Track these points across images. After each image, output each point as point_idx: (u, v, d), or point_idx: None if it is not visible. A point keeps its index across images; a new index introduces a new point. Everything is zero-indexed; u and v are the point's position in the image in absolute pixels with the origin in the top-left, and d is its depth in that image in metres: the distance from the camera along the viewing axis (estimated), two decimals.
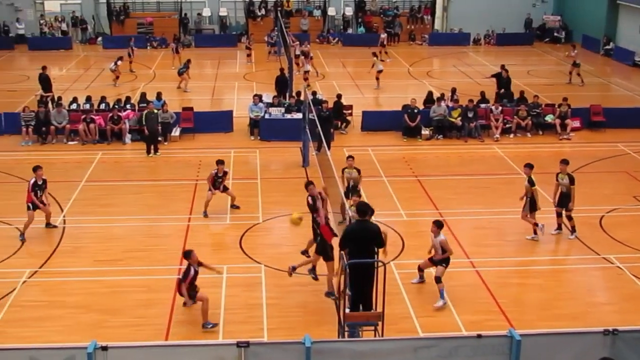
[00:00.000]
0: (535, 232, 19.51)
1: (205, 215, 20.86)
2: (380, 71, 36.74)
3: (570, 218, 19.61)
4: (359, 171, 20.66)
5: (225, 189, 21.25)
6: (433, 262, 16.44)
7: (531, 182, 19.31)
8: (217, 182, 20.96)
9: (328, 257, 16.07)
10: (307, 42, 42.30)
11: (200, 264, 15.68)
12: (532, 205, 19.37)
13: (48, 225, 20.10)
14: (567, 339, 10.17)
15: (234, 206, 21.49)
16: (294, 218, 16.77)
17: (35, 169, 19.76)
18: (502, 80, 32.65)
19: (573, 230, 19.66)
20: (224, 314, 15.82)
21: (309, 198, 17.10)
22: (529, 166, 19.60)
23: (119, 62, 37.51)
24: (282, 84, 32.61)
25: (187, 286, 15.36)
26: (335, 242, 15.30)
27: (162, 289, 16.76)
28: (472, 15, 51.60)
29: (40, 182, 19.67)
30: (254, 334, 14.64)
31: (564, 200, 19.51)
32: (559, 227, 19.83)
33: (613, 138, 28.65)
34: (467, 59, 45.54)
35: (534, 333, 10.47)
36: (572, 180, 19.42)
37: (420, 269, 16.96)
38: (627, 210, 21.72)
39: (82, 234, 19.71)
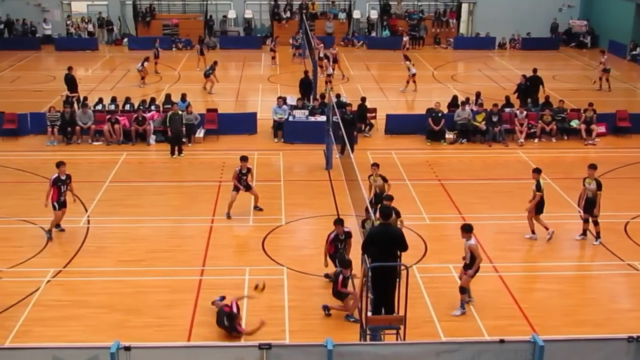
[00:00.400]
0: (533, 232, 19.71)
1: (229, 216, 20.94)
2: (414, 75, 36.55)
3: (596, 223, 19.48)
4: (384, 179, 20.36)
5: (249, 188, 21.31)
6: (464, 268, 16.20)
7: (538, 187, 19.39)
8: (242, 179, 21.06)
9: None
10: (334, 45, 42.37)
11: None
12: (538, 208, 19.49)
13: (57, 226, 19.91)
14: (590, 345, 10.09)
15: (257, 207, 21.55)
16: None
17: (59, 164, 19.74)
18: (521, 87, 32.47)
19: (598, 236, 19.53)
20: (246, 315, 15.83)
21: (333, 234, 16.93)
22: (537, 171, 19.67)
23: (146, 63, 37.72)
24: (306, 87, 32.66)
25: None
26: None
27: (185, 289, 16.83)
28: (497, 19, 51.45)
29: (63, 177, 19.62)
30: (276, 336, 14.66)
31: (590, 206, 19.40)
32: (584, 233, 19.72)
33: (639, 144, 28.40)
34: (492, 63, 45.37)
35: (557, 339, 10.40)
36: (599, 186, 19.25)
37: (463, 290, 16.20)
38: None
39: (106, 234, 19.82)
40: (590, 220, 19.51)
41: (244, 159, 21.14)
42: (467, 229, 15.78)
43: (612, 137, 29.32)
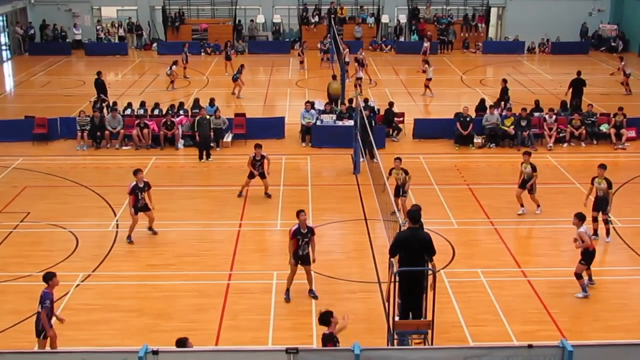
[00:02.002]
0: (522, 205, 21.62)
1: (240, 194, 22.87)
2: (429, 79, 36.58)
3: (606, 222, 19.84)
4: (406, 172, 20.85)
5: (263, 176, 22.69)
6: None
7: (533, 168, 21.34)
8: (257, 164, 22.41)
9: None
10: (362, 50, 42.36)
11: None
12: (532, 187, 21.49)
13: (150, 229, 20.31)
14: (620, 351, 10.00)
15: (267, 194, 22.83)
16: None
17: (136, 172, 19.94)
18: (505, 90, 32.37)
19: (608, 233, 19.92)
20: (274, 320, 15.89)
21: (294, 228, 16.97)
22: (527, 153, 21.80)
23: (174, 67, 37.94)
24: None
25: None
26: None
27: (213, 294, 16.90)
28: (526, 23, 51.20)
29: (141, 185, 19.77)
30: (303, 341, 14.68)
31: (602, 204, 19.76)
32: (595, 233, 19.69)
33: None
34: (521, 68, 45.11)
35: (587, 344, 10.35)
36: (610, 185, 19.74)
37: (578, 276, 16.94)
38: None
39: (135, 238, 19.90)
40: (601, 218, 19.83)
41: (258, 146, 22.56)
42: (579, 217, 16.83)
43: None
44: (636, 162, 26.34)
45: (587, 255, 16.83)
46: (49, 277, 13.98)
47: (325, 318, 12.75)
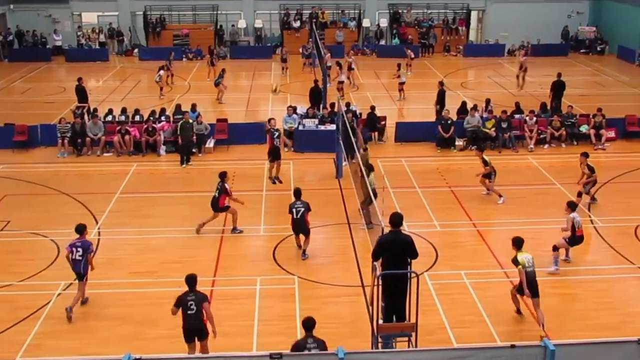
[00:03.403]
0: (487, 189, 23.17)
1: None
2: (402, 83, 36.68)
3: (589, 195, 22.39)
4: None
5: (278, 157, 24.56)
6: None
7: (485, 163, 22.86)
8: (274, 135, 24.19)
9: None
10: (351, 53, 42.62)
11: None
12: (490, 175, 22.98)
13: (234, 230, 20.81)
14: (601, 349, 10.07)
15: (276, 178, 24.43)
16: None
17: (222, 175, 20.84)
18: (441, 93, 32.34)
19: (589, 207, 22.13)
20: (258, 325, 15.89)
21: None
22: (479, 148, 24.09)
23: (162, 72, 37.84)
24: (316, 96, 32.72)
25: None
26: None
27: None
28: (507, 26, 51.44)
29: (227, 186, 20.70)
30: (288, 346, 14.58)
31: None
32: (593, 199, 22.46)
33: None
34: (502, 70, 45.35)
35: (569, 343, 10.40)
36: (592, 170, 22.05)
37: (555, 248, 18.24)
38: None
39: (118, 246, 19.88)
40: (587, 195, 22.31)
41: (271, 119, 24.84)
42: (570, 205, 18.33)
43: (621, 142, 29.28)
44: (616, 162, 26.54)
45: (574, 240, 18.17)
46: (82, 229, 16.59)
47: (310, 324, 12.69)
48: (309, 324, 12.74)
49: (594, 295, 17.21)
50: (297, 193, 19.59)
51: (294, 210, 19.09)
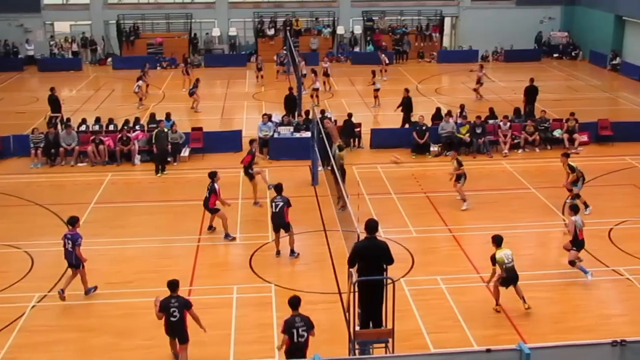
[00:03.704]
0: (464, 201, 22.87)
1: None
2: (377, 90, 36.80)
3: (570, 190, 22.14)
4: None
5: (252, 178, 23.28)
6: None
7: (459, 164, 22.92)
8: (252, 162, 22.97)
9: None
10: (327, 59, 42.80)
11: None
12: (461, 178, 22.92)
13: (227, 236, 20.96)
14: (575, 351, 10.13)
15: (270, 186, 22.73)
16: None
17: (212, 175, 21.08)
18: (407, 101, 32.23)
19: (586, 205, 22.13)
20: (235, 334, 15.84)
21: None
22: (456, 150, 24.23)
23: (141, 82, 37.70)
24: (291, 103, 32.74)
25: None
26: None
27: None
28: (480, 32, 51.73)
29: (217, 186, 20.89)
30: (265, 354, 14.68)
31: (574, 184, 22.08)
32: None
33: (621, 152, 28.67)
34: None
35: (544, 346, 10.44)
36: (572, 169, 21.79)
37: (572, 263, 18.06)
38: (636, 222, 21.74)
39: (93, 256, 19.63)
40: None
41: (253, 141, 23.71)
42: (573, 208, 18.16)
43: (594, 146, 29.55)
44: (589, 166, 26.65)
45: (577, 243, 17.91)
46: (74, 221, 17.49)
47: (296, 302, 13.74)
48: (295, 302, 13.68)
49: (569, 298, 17.35)
50: (278, 188, 19.82)
51: (273, 204, 19.36)
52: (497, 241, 16.56)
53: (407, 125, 31.06)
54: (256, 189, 23.23)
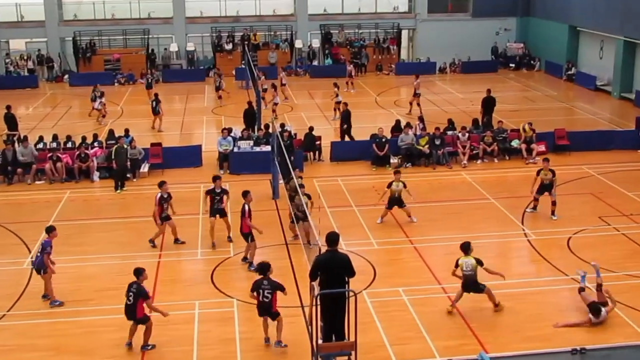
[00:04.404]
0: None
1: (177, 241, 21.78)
2: (339, 102, 36.92)
3: (554, 203, 22.76)
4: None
5: (224, 215, 21.61)
6: None
7: (553, 173, 22.96)
8: (216, 200, 21.42)
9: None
10: (280, 70, 42.89)
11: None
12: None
13: (176, 241, 21.40)
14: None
15: (229, 238, 21.57)
16: None
17: (161, 184, 21.34)
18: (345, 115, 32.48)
19: (553, 213, 22.81)
20: (198, 349, 15.75)
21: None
22: (397, 172, 23.17)
23: (103, 99, 37.41)
24: (251, 117, 32.71)
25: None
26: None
27: None
28: (437, 44, 52.18)
29: (165, 195, 21.18)
30: None
31: (547, 188, 22.89)
32: (534, 207, 23.36)
33: (578, 161, 29.07)
34: (433, 88, 45.92)
35: (504, 355, 10.56)
36: (554, 173, 22.80)
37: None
38: (594, 231, 22.04)
39: (54, 275, 19.46)
40: (551, 200, 22.84)
41: (217, 178, 21.87)
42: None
43: (552, 155, 29.53)
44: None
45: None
46: (50, 229, 18.08)
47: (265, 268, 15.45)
48: (264, 268, 15.51)
49: (528, 308, 17.47)
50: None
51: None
52: (463, 248, 17.13)
53: (346, 139, 31.33)
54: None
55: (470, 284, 16.94)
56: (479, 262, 17.00)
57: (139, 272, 15.85)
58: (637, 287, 18.05)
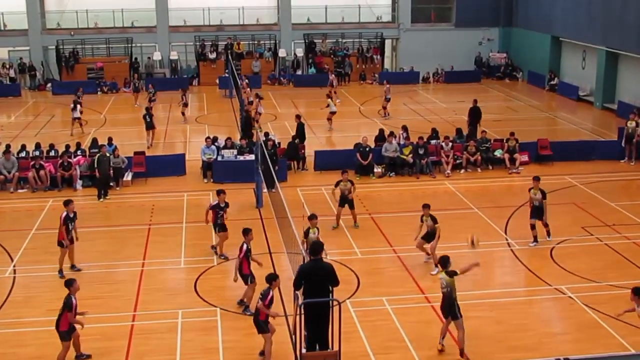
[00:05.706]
0: (535, 238, 21.57)
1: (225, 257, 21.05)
2: (333, 113, 37.01)
3: (546, 225, 21.70)
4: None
5: (223, 229, 20.98)
6: None
7: (543, 195, 21.44)
8: (219, 214, 20.88)
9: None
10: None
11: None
12: (429, 236, 20.33)
13: (73, 267, 20.26)
14: None
15: (214, 248, 21.39)
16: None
17: (67, 203, 20.14)
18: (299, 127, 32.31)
19: (549, 234, 21.87)
20: (180, 359, 15.68)
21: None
22: (427, 206, 20.45)
23: (80, 108, 37.27)
24: (249, 126, 32.59)
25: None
26: None
27: (117, 336, 16.58)
28: (421, 54, 52.41)
29: (71, 215, 20.00)
30: None
31: (538, 212, 21.53)
32: (535, 240, 21.65)
33: (561, 171, 29.18)
34: (417, 97, 46.10)
35: None
36: (544, 195, 21.49)
37: None
38: (576, 241, 22.14)
39: (34, 284, 19.40)
40: (541, 224, 21.64)
41: (221, 192, 21.30)
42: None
43: (535, 165, 29.98)
44: (530, 185, 27.07)
45: None
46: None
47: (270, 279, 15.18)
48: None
49: (511, 317, 17.53)
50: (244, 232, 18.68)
51: None
52: (441, 263, 16.20)
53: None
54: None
55: (447, 306, 15.87)
56: (451, 274, 15.79)
57: (69, 284, 15.43)
58: (619, 297, 18.09)
